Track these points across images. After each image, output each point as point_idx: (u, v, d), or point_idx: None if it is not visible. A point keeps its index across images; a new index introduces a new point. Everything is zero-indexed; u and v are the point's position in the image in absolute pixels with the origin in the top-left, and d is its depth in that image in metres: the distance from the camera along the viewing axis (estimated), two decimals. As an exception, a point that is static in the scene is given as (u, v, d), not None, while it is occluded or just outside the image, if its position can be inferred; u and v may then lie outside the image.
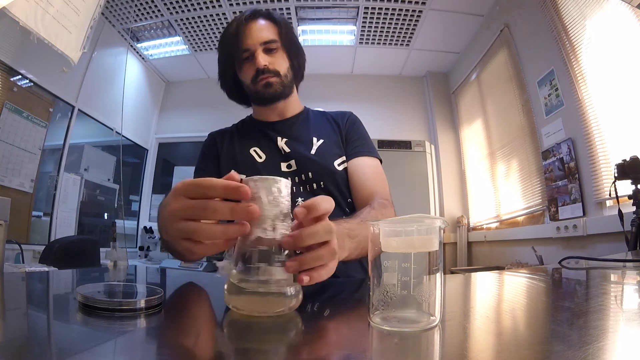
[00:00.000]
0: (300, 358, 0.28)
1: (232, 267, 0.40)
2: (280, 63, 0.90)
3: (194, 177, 0.95)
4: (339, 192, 0.89)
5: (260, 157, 0.92)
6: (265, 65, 0.87)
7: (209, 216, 0.40)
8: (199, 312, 0.44)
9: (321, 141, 0.93)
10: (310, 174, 0.88)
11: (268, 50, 0.88)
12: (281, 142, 0.92)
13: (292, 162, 0.90)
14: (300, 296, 0.40)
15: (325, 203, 0.42)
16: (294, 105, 0.99)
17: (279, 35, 0.90)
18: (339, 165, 0.91)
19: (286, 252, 0.40)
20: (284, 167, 0.90)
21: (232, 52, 0.89)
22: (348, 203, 0.91)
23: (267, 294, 0.38)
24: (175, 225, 0.42)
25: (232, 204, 0.39)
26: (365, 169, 0.91)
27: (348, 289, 0.63)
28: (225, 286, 0.40)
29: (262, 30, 0.89)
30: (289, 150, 0.91)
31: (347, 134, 0.96)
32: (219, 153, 0.96)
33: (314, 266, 0.40)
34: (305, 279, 0.39)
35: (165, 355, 0.28)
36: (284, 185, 0.41)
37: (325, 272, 0.42)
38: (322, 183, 0.88)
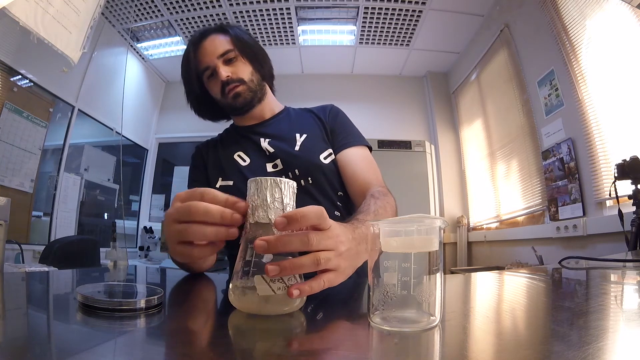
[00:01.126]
0: (301, 358, 0.28)
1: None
2: (243, 70, 0.90)
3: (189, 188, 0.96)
4: (328, 186, 0.89)
5: (245, 161, 0.92)
6: (228, 76, 0.88)
7: (200, 216, 0.42)
8: (199, 312, 0.44)
9: (304, 136, 0.92)
10: (296, 170, 0.88)
11: (227, 61, 0.89)
12: (264, 143, 0.92)
13: (278, 161, 0.89)
14: (304, 296, 0.40)
15: (311, 215, 0.39)
16: (271, 106, 1.00)
17: (233, 44, 0.90)
18: (325, 158, 0.90)
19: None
20: (269, 167, 0.89)
21: (194, 75, 0.91)
22: (339, 196, 0.90)
23: (271, 295, 0.38)
24: (170, 228, 0.44)
25: (222, 209, 0.41)
26: (356, 159, 0.90)
27: (348, 289, 0.63)
28: (230, 286, 0.40)
29: (216, 44, 0.90)
30: (273, 150, 0.90)
31: (332, 127, 0.96)
32: (205, 163, 0.97)
33: (296, 273, 0.39)
34: (295, 292, 0.37)
35: (165, 355, 0.28)
36: (288, 187, 0.41)
37: (317, 285, 0.40)
38: (309, 179, 0.87)
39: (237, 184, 0.89)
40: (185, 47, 0.96)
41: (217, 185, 0.91)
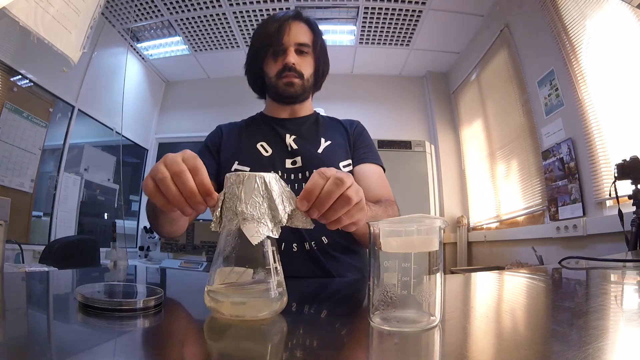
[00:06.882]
0: (301, 358, 0.28)
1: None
2: (307, 67, 0.95)
3: None
4: None
5: (267, 152, 0.94)
6: (293, 63, 0.92)
7: (176, 181, 0.45)
8: (198, 312, 0.44)
9: (329, 142, 0.96)
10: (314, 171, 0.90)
11: (299, 52, 0.94)
12: (289, 139, 0.94)
13: (298, 158, 0.92)
14: (285, 299, 0.38)
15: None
16: (306, 108, 1.03)
17: (313, 42, 0.95)
18: (344, 167, 0.93)
19: (272, 249, 0.38)
20: (288, 163, 0.91)
21: (266, 44, 0.94)
22: None
23: (248, 297, 0.36)
24: (154, 170, 0.48)
25: (194, 191, 0.42)
26: (371, 175, 0.94)
27: (348, 289, 0.63)
28: (206, 289, 0.38)
29: (300, 31, 0.94)
30: (296, 147, 0.93)
31: (355, 141, 1.00)
32: (220, 146, 0.98)
33: (329, 204, 0.43)
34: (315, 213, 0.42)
35: (164, 355, 0.28)
36: (273, 182, 0.38)
37: (347, 218, 0.44)
38: None
39: (254, 171, 0.91)
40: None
41: (233, 168, 0.92)
